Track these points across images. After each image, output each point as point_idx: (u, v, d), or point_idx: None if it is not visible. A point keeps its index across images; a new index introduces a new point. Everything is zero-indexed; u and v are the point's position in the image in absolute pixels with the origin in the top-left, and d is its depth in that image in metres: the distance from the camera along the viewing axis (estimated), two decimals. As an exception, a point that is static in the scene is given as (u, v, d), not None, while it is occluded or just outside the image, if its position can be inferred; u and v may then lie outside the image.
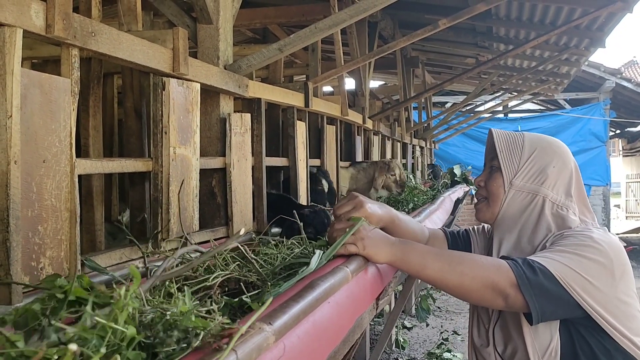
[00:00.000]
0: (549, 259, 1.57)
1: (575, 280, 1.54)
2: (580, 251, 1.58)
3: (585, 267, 1.56)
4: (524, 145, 1.84)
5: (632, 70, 21.86)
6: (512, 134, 1.89)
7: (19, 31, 1.43)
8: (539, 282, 1.52)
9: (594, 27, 6.66)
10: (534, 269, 1.53)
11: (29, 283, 1.45)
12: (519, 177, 1.82)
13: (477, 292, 1.57)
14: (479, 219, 1.94)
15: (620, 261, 1.62)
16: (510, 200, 1.83)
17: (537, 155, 1.82)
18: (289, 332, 1.05)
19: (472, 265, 1.58)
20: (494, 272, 1.55)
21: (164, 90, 2.07)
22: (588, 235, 1.64)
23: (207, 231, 2.43)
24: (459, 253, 1.73)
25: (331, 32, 3.16)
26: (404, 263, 1.66)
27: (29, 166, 1.46)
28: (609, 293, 1.58)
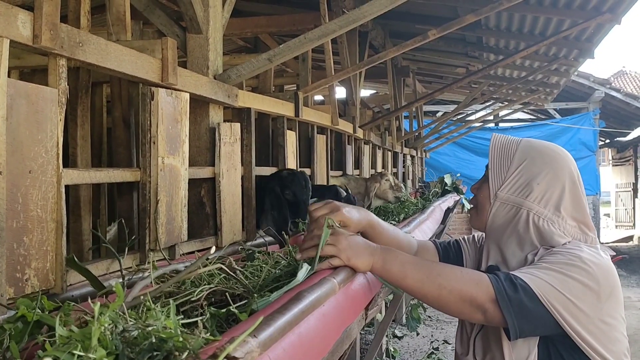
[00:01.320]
0: (533, 275, 1.54)
1: (557, 300, 1.50)
2: (566, 270, 1.54)
3: (570, 287, 1.52)
4: (515, 155, 1.79)
5: (621, 80, 22.04)
6: (509, 141, 1.83)
7: (5, 41, 1.43)
8: (519, 299, 1.49)
9: (583, 37, 6.71)
10: (515, 286, 1.51)
11: (13, 295, 1.44)
12: (504, 188, 1.77)
13: (454, 304, 1.56)
14: (471, 225, 1.93)
15: (608, 283, 1.58)
16: (495, 211, 1.79)
17: (525, 167, 1.76)
18: (274, 345, 1.05)
19: (451, 277, 1.56)
20: (473, 286, 1.53)
21: (153, 100, 2.07)
22: (577, 255, 1.58)
23: (196, 241, 2.43)
24: (440, 265, 1.69)
25: (321, 42, 3.16)
26: (384, 271, 1.64)
27: (15, 177, 1.45)
28: (592, 315, 1.54)
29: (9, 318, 1.14)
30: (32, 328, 1.11)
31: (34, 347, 1.06)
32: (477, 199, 1.88)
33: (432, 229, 4.29)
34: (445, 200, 6.38)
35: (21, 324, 1.11)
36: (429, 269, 1.60)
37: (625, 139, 19.49)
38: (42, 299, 1.18)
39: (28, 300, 1.17)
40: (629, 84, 21.92)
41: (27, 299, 1.18)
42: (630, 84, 21.75)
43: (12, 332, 1.09)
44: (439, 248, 2.08)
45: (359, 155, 6.29)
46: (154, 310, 1.11)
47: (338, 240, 1.65)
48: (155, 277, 1.45)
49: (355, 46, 6.34)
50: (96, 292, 1.51)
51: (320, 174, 4.52)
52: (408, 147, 9.94)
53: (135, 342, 0.98)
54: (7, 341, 1.07)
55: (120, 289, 1.06)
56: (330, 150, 4.90)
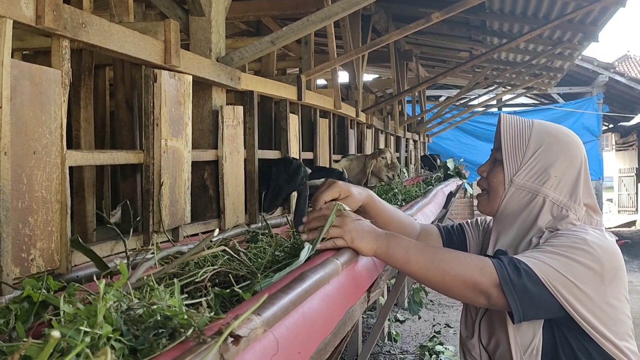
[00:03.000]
0: (536, 259, 1.54)
1: (561, 283, 1.51)
2: (569, 253, 1.54)
3: (573, 270, 1.52)
4: (530, 139, 1.76)
5: (626, 65, 21.92)
6: (521, 123, 1.80)
7: (8, 22, 1.43)
8: (523, 284, 1.50)
9: (588, 21, 6.68)
10: (519, 270, 1.51)
11: (19, 275, 1.45)
12: (520, 174, 1.75)
13: (458, 289, 1.56)
14: (479, 210, 1.90)
15: (612, 265, 1.58)
16: (509, 197, 1.77)
17: (542, 152, 1.74)
18: (278, 323, 1.06)
19: (455, 263, 1.56)
20: (476, 271, 1.53)
21: (156, 82, 2.07)
22: (581, 237, 1.59)
23: (199, 224, 2.44)
24: (444, 250, 1.69)
25: (324, 25, 3.15)
26: (388, 256, 1.65)
27: (19, 157, 1.45)
28: (596, 297, 1.55)
29: (15, 298, 1.15)
30: (37, 308, 1.12)
31: (39, 326, 1.08)
32: (490, 183, 1.83)
33: (434, 213, 4.30)
34: (447, 185, 6.38)
35: (27, 304, 1.12)
36: (432, 254, 1.60)
37: (628, 123, 19.45)
38: (47, 279, 1.19)
39: (34, 280, 1.18)
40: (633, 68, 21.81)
41: (32, 279, 1.19)
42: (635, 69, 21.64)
43: (18, 312, 1.10)
44: (442, 232, 2.07)
45: (361, 140, 6.28)
46: (158, 290, 1.12)
47: (344, 222, 1.66)
48: (159, 259, 1.46)
49: (358, 30, 6.31)
50: (100, 273, 1.52)
51: (323, 158, 4.52)
52: (410, 131, 9.92)
53: (140, 320, 0.99)
54: (13, 321, 1.08)
55: (124, 268, 1.07)
56: (332, 134, 4.90)
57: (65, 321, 0.95)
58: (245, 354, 0.91)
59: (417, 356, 6.99)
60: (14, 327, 1.07)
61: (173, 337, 0.93)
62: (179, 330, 0.92)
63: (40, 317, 1.09)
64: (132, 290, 1.10)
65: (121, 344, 0.92)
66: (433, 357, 6.73)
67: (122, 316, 0.98)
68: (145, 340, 0.93)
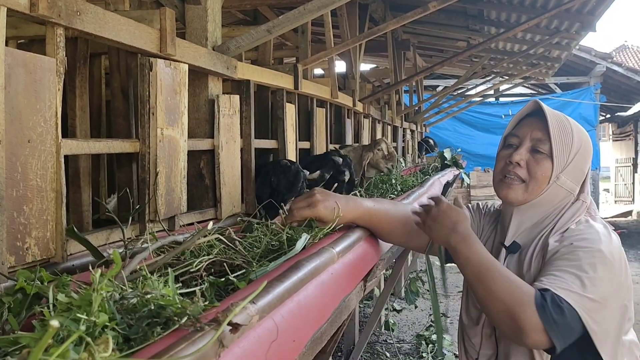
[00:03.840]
0: (573, 292, 1.52)
1: (592, 311, 1.52)
2: (593, 272, 1.55)
3: (601, 291, 1.54)
4: (574, 138, 1.76)
5: (623, 55, 21.88)
6: (561, 118, 1.79)
7: (2, 9, 1.41)
8: (566, 324, 1.50)
9: (585, 10, 6.66)
10: (562, 310, 1.49)
11: (14, 264, 1.45)
12: (565, 172, 1.75)
13: (496, 315, 1.56)
14: (505, 196, 1.81)
15: (623, 266, 1.63)
16: (548, 192, 1.76)
17: (581, 153, 1.76)
18: (273, 312, 1.06)
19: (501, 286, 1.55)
20: (518, 306, 1.51)
21: (151, 71, 2.06)
22: (598, 249, 1.59)
23: (195, 213, 2.43)
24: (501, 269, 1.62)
25: (321, 14, 3.14)
26: (454, 253, 1.68)
27: (14, 146, 1.45)
28: (616, 306, 1.59)
29: (8, 290, 1.15)
30: (31, 300, 1.11)
31: (30, 317, 1.07)
32: (534, 175, 1.77)
33: (431, 203, 4.29)
34: (444, 174, 6.38)
35: (21, 296, 1.12)
36: (487, 269, 1.59)
37: (625, 113, 19.44)
38: (40, 271, 1.18)
39: (27, 272, 1.18)
40: (630, 58, 21.78)
41: (26, 270, 1.19)
42: (632, 59, 21.61)
43: (11, 304, 1.10)
44: None
45: (358, 129, 6.27)
46: (151, 279, 1.12)
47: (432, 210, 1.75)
48: (154, 249, 1.46)
49: (355, 19, 6.29)
50: (96, 262, 1.52)
51: (320, 147, 4.51)
52: (408, 121, 9.91)
53: (134, 309, 0.99)
54: (6, 314, 1.08)
55: (118, 256, 1.07)
56: (329, 124, 4.89)
57: (59, 311, 0.95)
58: (240, 341, 0.91)
59: (414, 345, 7.02)
60: (7, 320, 1.06)
61: (167, 325, 0.93)
62: (173, 319, 0.92)
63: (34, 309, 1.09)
64: (126, 280, 1.10)
65: (115, 333, 0.92)
66: (430, 346, 6.75)
67: (115, 305, 0.98)
68: (139, 329, 0.93)
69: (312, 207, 1.81)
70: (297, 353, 1.16)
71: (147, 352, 0.82)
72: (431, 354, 6.60)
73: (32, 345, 0.81)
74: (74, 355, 0.77)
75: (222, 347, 0.85)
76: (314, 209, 1.81)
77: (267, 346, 0.99)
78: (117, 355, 0.78)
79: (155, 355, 0.79)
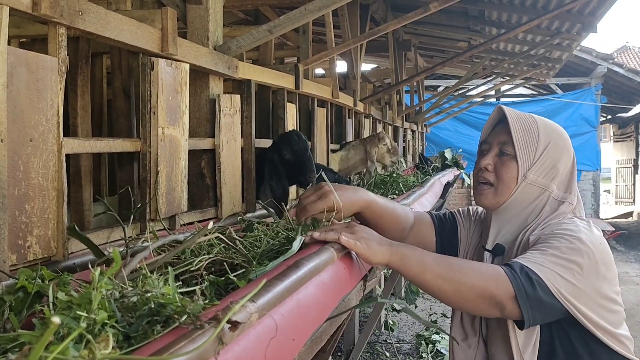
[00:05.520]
0: (544, 267, 1.55)
1: (565, 288, 1.54)
2: (569, 255, 1.57)
3: (574, 273, 1.56)
4: (539, 136, 1.78)
5: (624, 56, 21.88)
6: (527, 119, 1.82)
7: (5, 9, 1.42)
8: (536, 295, 1.51)
9: (586, 11, 6.66)
10: (532, 281, 1.52)
11: (16, 262, 1.45)
12: (533, 170, 1.77)
13: (473, 302, 1.55)
14: (479, 202, 1.87)
15: (603, 260, 1.63)
16: (519, 192, 1.78)
17: (550, 149, 1.78)
18: (273, 310, 1.07)
19: (471, 274, 1.55)
20: (492, 283, 1.52)
21: (153, 70, 2.07)
22: (577, 237, 1.61)
23: (196, 212, 2.44)
24: (458, 259, 1.66)
25: (322, 14, 3.15)
26: (402, 264, 1.60)
27: (16, 144, 1.46)
28: (594, 294, 1.59)
29: (9, 288, 1.15)
30: (32, 298, 1.12)
31: (31, 315, 1.08)
32: (501, 177, 1.81)
33: (431, 203, 4.30)
34: (445, 175, 6.39)
35: (22, 294, 1.13)
36: (448, 264, 1.58)
37: (626, 115, 19.44)
38: (42, 269, 1.19)
39: (29, 270, 1.18)
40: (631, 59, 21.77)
41: (27, 269, 1.20)
42: (633, 60, 21.60)
43: (12, 303, 1.10)
44: (434, 220, 2.07)
45: (359, 129, 6.28)
46: (150, 278, 1.12)
47: (355, 230, 1.63)
48: (154, 248, 1.47)
49: (356, 19, 6.30)
50: (97, 260, 1.53)
51: (320, 147, 4.52)
52: (409, 121, 9.92)
53: (134, 307, 0.99)
54: (8, 312, 1.08)
55: (118, 255, 1.07)
56: (330, 124, 4.90)
57: (59, 309, 0.95)
58: (239, 339, 0.92)
59: (414, 345, 7.03)
60: (8, 318, 1.07)
61: (167, 324, 0.93)
62: (174, 317, 0.93)
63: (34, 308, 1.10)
64: (126, 279, 1.11)
65: (115, 330, 0.93)
66: (429, 346, 6.76)
67: (115, 304, 0.98)
68: (139, 327, 0.94)
69: (324, 197, 1.79)
70: (296, 352, 1.17)
71: (147, 350, 0.83)
72: (431, 354, 6.61)
73: (34, 342, 0.82)
74: (74, 353, 0.78)
75: (222, 344, 0.86)
76: (326, 200, 1.78)
77: (266, 344, 1.00)
78: (117, 353, 0.79)
79: (155, 352, 0.79)
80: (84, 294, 0.95)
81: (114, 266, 1.06)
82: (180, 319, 0.92)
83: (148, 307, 0.98)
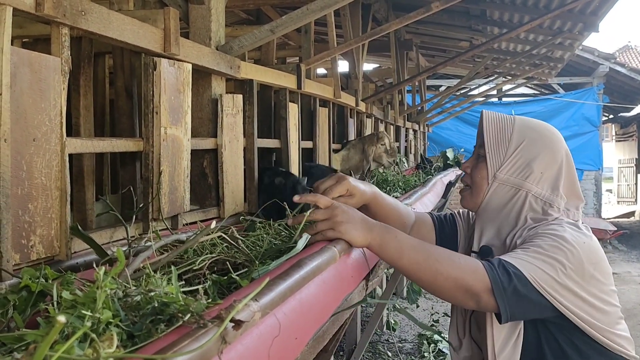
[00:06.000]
0: (524, 261, 1.55)
1: (547, 283, 1.53)
2: (552, 253, 1.56)
3: (557, 271, 1.54)
4: (513, 135, 1.78)
5: (626, 55, 21.88)
6: (503, 120, 1.82)
7: (8, 9, 1.43)
8: (513, 287, 1.51)
9: (588, 11, 6.66)
10: (509, 274, 1.52)
11: (19, 261, 1.46)
12: (503, 169, 1.77)
13: (448, 291, 1.56)
14: (462, 205, 1.91)
15: (591, 261, 1.60)
16: (492, 192, 1.79)
17: (524, 147, 1.76)
18: (276, 309, 1.07)
19: (448, 264, 1.56)
20: (469, 274, 1.53)
21: (155, 70, 2.07)
22: (561, 236, 1.60)
23: (198, 211, 2.45)
24: (437, 249, 1.66)
25: (324, 14, 3.15)
26: (381, 249, 1.62)
27: (19, 144, 1.46)
28: (580, 293, 1.57)
29: (13, 287, 1.16)
30: (36, 297, 1.12)
31: (35, 314, 1.08)
32: (473, 179, 1.85)
33: (433, 202, 4.31)
34: (447, 174, 6.39)
35: (25, 293, 1.13)
36: (426, 252, 1.59)
37: (629, 114, 19.42)
38: (45, 268, 1.19)
39: (32, 270, 1.19)
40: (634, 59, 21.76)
41: (31, 268, 1.20)
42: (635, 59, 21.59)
43: (16, 302, 1.11)
44: (435, 221, 2.08)
45: (361, 129, 6.28)
46: (154, 277, 1.13)
47: (334, 213, 1.64)
48: (157, 248, 1.47)
49: (358, 19, 6.30)
50: (100, 260, 1.53)
51: (322, 147, 4.52)
52: (410, 121, 9.91)
53: (137, 306, 1.00)
54: (11, 311, 1.09)
55: (121, 254, 1.08)
56: (332, 123, 4.90)
57: (63, 308, 0.96)
58: (242, 338, 0.92)
59: (416, 345, 7.03)
60: (12, 317, 1.08)
61: (171, 323, 0.94)
62: (177, 316, 0.93)
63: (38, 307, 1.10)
64: (130, 278, 1.11)
65: (119, 329, 0.93)
66: (431, 346, 6.76)
67: (119, 303, 0.99)
68: (143, 326, 0.94)
69: (341, 180, 1.83)
70: (299, 350, 1.17)
71: (151, 348, 0.83)
72: (433, 353, 6.61)
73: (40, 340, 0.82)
74: (78, 352, 0.79)
75: (225, 343, 0.86)
76: (343, 183, 1.83)
77: (269, 343, 1.00)
78: (121, 352, 0.80)
79: (159, 351, 0.80)
80: (88, 293, 0.96)
81: (118, 265, 1.06)
82: (184, 317, 0.92)
83: (152, 306, 0.98)
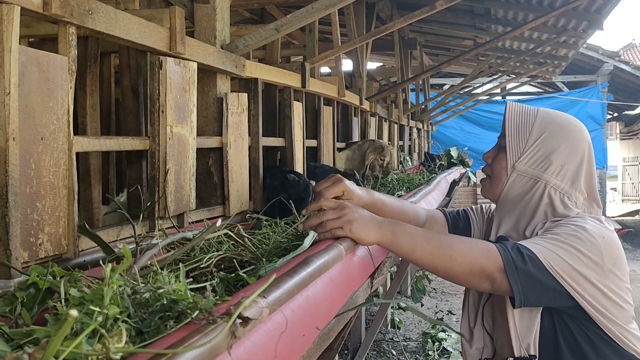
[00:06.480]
0: (540, 245, 1.56)
1: (563, 270, 1.53)
2: (571, 241, 1.56)
3: (574, 258, 1.54)
4: (534, 126, 1.78)
5: (631, 53, 21.83)
6: (526, 111, 1.81)
7: (16, 8, 1.44)
8: (527, 269, 1.52)
9: (592, 8, 6.64)
10: (523, 256, 1.53)
11: (27, 259, 1.47)
12: (522, 160, 1.77)
13: (463, 275, 1.57)
14: (483, 195, 1.92)
15: (611, 255, 1.60)
16: (511, 183, 1.79)
17: (544, 139, 1.76)
18: (283, 306, 1.08)
19: (461, 249, 1.57)
20: (482, 257, 1.54)
21: (161, 69, 2.08)
22: (582, 226, 1.60)
23: (204, 210, 2.46)
24: (449, 236, 1.69)
25: (328, 13, 3.15)
26: (393, 245, 1.64)
27: (27, 143, 1.47)
28: (597, 284, 1.57)
29: (21, 285, 1.17)
30: (43, 295, 1.13)
31: (43, 312, 1.09)
32: (493, 169, 1.86)
33: (437, 201, 4.31)
34: (451, 173, 6.39)
35: (33, 291, 1.14)
36: (439, 241, 1.60)
37: (633, 112, 19.39)
38: (53, 266, 1.20)
39: (40, 267, 1.20)
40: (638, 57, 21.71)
41: (39, 265, 1.21)
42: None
43: (24, 299, 1.12)
44: (448, 218, 2.08)
45: (365, 128, 6.28)
46: (161, 275, 1.13)
47: (343, 212, 1.64)
48: (163, 245, 1.48)
49: (362, 17, 6.30)
50: (107, 258, 1.54)
51: (327, 146, 4.53)
52: (414, 119, 9.90)
53: (146, 303, 1.01)
54: (20, 308, 1.10)
55: (128, 251, 1.09)
56: (336, 122, 4.90)
57: (71, 305, 0.97)
58: (251, 334, 0.93)
59: (420, 343, 7.03)
60: (20, 314, 1.09)
61: (179, 319, 0.95)
62: (186, 313, 0.94)
63: (46, 304, 1.11)
64: (138, 275, 1.12)
65: (128, 325, 0.94)
66: (436, 344, 6.77)
67: (128, 299, 1.00)
68: (152, 322, 0.95)
69: (338, 182, 1.85)
70: (306, 347, 1.18)
71: (161, 344, 0.84)
72: (437, 351, 6.61)
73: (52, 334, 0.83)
74: (87, 348, 0.79)
75: (234, 338, 0.87)
76: (339, 185, 1.84)
77: (277, 339, 1.01)
78: (130, 347, 0.80)
79: (170, 347, 0.81)
80: (96, 290, 0.97)
81: (125, 262, 1.07)
82: (193, 314, 0.93)
83: (160, 303, 0.99)
